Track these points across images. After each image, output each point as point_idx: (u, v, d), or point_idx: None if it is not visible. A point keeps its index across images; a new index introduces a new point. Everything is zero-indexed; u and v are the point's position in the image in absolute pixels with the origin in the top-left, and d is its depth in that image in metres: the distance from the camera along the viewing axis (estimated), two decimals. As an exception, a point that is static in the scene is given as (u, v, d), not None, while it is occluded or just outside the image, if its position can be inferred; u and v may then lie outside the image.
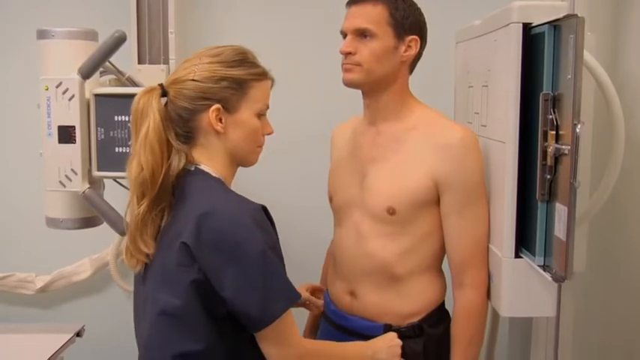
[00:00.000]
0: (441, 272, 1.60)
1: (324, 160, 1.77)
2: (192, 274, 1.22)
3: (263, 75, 1.34)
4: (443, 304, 1.59)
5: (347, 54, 1.49)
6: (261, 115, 1.34)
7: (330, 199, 1.67)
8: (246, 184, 2.47)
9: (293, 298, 1.29)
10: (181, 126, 1.29)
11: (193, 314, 1.24)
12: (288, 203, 2.43)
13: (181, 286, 1.23)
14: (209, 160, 1.31)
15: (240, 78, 1.30)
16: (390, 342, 1.48)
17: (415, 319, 1.54)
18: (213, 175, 1.31)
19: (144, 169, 1.24)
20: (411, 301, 1.55)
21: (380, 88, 1.52)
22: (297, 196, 2.42)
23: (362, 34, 1.48)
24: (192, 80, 1.27)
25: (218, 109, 1.28)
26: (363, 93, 1.56)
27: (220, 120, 1.28)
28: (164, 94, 1.29)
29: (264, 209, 1.30)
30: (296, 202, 2.40)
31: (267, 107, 1.37)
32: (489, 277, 1.54)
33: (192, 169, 1.30)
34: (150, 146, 1.24)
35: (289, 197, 2.42)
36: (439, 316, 1.57)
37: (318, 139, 1.91)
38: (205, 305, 1.23)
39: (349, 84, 1.51)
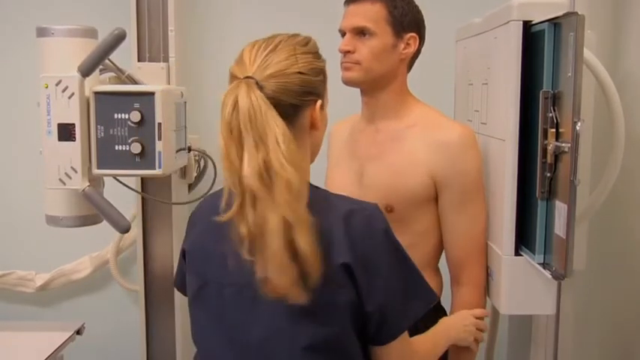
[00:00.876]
0: (437, 270, 1.60)
1: (322, 159, 1.76)
2: (348, 296, 1.09)
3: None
4: (439, 302, 1.59)
5: (346, 52, 1.50)
6: None
7: None
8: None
9: (432, 299, 1.20)
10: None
11: (346, 340, 1.12)
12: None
13: (336, 312, 1.09)
14: None
15: (325, 70, 1.20)
16: (463, 321, 1.48)
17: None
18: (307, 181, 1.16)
19: (301, 170, 1.06)
20: None
21: (379, 86, 1.53)
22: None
23: (361, 32, 1.48)
24: (299, 73, 1.11)
25: (320, 105, 1.16)
26: (361, 91, 1.56)
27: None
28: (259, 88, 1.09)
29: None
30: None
31: None
32: (488, 274, 1.54)
33: None
34: (295, 145, 1.06)
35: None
36: (436, 314, 1.57)
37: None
38: (354, 327, 1.12)
39: (349, 82, 1.52)
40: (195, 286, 1.20)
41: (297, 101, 1.11)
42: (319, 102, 1.15)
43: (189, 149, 1.93)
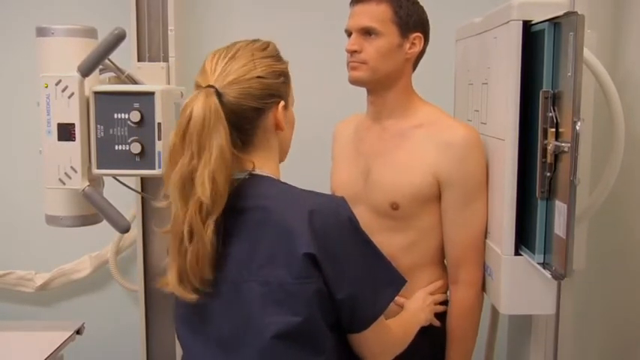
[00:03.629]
0: (443, 267, 1.62)
1: (326, 159, 1.77)
2: (315, 284, 1.12)
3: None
4: (445, 298, 1.60)
5: (352, 52, 1.51)
6: None
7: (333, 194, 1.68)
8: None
9: (400, 284, 1.24)
10: (243, 130, 1.17)
11: (315, 328, 1.15)
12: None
13: (303, 301, 1.12)
14: (265, 163, 1.22)
15: (287, 71, 1.24)
16: (424, 302, 1.52)
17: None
18: (274, 177, 1.23)
19: (219, 188, 1.10)
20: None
21: (385, 86, 1.54)
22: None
23: (367, 32, 1.50)
24: (258, 77, 1.16)
25: (284, 106, 1.21)
26: (368, 90, 1.58)
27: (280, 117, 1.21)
28: (218, 96, 1.13)
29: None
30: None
31: None
32: (488, 273, 1.54)
33: (247, 176, 1.19)
34: (226, 163, 1.11)
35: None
36: (443, 311, 1.58)
37: (321, 138, 1.91)
38: (323, 316, 1.15)
39: (355, 82, 1.53)
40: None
41: (259, 104, 1.16)
42: (282, 103, 1.20)
43: (189, 149, 1.92)
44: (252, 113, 1.16)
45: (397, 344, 1.32)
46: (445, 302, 1.60)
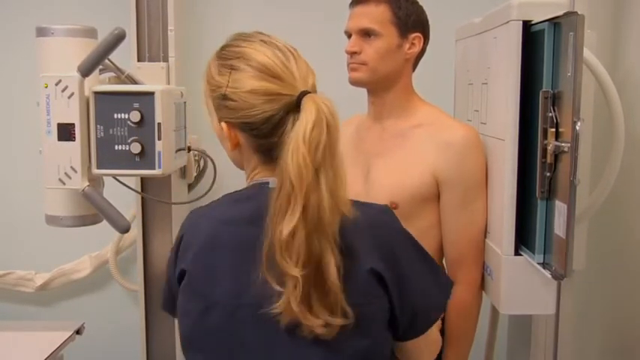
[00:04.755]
0: (443, 266, 1.61)
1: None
2: (383, 302, 1.04)
3: None
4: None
5: (352, 53, 1.52)
6: None
7: None
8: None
9: (451, 286, 1.16)
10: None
11: (384, 349, 1.08)
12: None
13: (372, 320, 1.04)
14: None
15: None
16: None
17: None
18: None
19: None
20: None
21: (385, 86, 1.55)
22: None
23: (366, 33, 1.51)
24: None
25: None
26: (368, 91, 1.59)
27: None
28: None
29: None
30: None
31: None
32: (488, 273, 1.54)
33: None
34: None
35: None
36: None
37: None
38: (390, 331, 1.09)
39: (355, 83, 1.54)
40: (199, 309, 1.08)
41: None
42: None
43: (189, 149, 1.93)
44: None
45: (438, 343, 1.27)
46: None
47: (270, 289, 0.99)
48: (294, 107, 1.03)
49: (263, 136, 1.06)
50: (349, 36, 1.55)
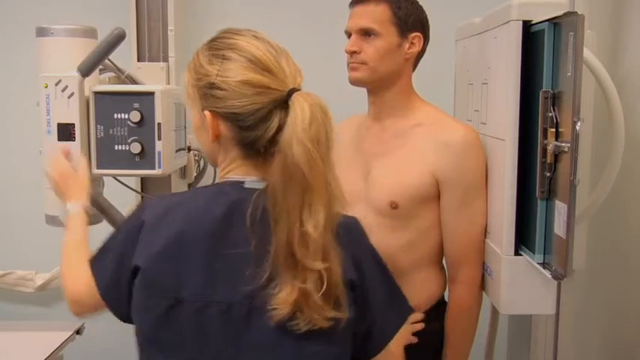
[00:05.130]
0: (442, 267, 1.62)
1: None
2: (350, 312, 1.03)
3: None
4: (443, 298, 1.61)
5: (352, 53, 1.52)
6: None
7: None
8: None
9: (410, 311, 1.19)
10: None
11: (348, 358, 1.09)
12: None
13: (340, 328, 1.02)
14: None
15: None
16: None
17: (416, 314, 1.56)
18: None
19: None
20: (411, 296, 1.55)
21: (385, 86, 1.55)
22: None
23: (366, 33, 1.51)
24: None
25: None
26: (368, 90, 1.59)
27: None
28: None
29: None
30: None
31: None
32: (488, 273, 1.54)
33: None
34: None
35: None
36: (439, 311, 1.59)
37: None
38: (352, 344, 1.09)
39: (355, 82, 1.54)
40: (163, 306, 1.05)
41: None
42: None
43: (189, 149, 1.93)
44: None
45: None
46: (442, 304, 1.60)
47: (258, 287, 0.99)
48: (281, 103, 1.03)
49: (248, 128, 1.05)
50: (349, 35, 1.55)
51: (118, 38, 1.61)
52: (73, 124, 1.63)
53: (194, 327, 1.04)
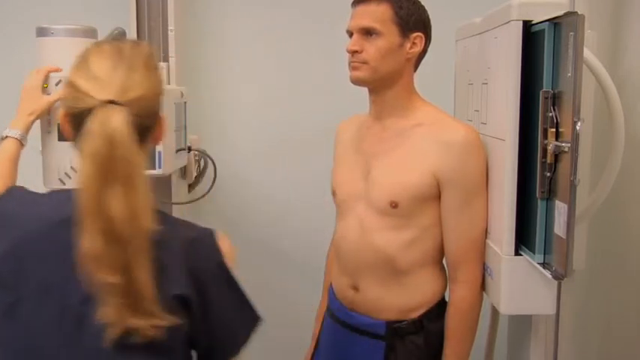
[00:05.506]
0: (442, 267, 1.62)
1: (328, 158, 1.77)
2: (183, 326, 1.04)
3: None
4: (443, 298, 1.61)
5: (354, 52, 1.52)
6: None
7: (334, 193, 1.69)
8: (256, 183, 2.48)
9: (257, 323, 1.17)
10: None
11: None
12: (295, 201, 2.44)
13: (166, 339, 1.02)
14: None
15: None
16: None
17: (416, 314, 1.57)
18: None
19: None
20: (412, 296, 1.57)
21: (386, 85, 1.55)
22: (304, 194, 2.42)
23: (368, 32, 1.51)
24: (159, 95, 1.07)
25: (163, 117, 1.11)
26: (369, 90, 1.59)
27: None
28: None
29: None
30: (306, 200, 2.41)
31: None
32: (488, 273, 1.54)
33: None
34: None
35: (297, 195, 2.43)
36: (439, 311, 1.59)
37: (322, 137, 1.91)
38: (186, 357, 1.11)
39: (356, 82, 1.54)
40: (7, 301, 1.04)
41: (152, 122, 1.06)
42: (163, 116, 1.10)
43: (189, 149, 1.93)
44: (146, 131, 1.05)
45: None
46: (443, 304, 1.60)
47: (85, 296, 0.99)
48: (88, 113, 0.99)
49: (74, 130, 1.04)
50: (351, 35, 1.55)
51: (118, 38, 1.61)
52: (73, 124, 1.63)
53: (33, 326, 1.03)
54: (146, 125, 1.04)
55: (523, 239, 1.45)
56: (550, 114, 1.34)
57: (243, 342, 1.16)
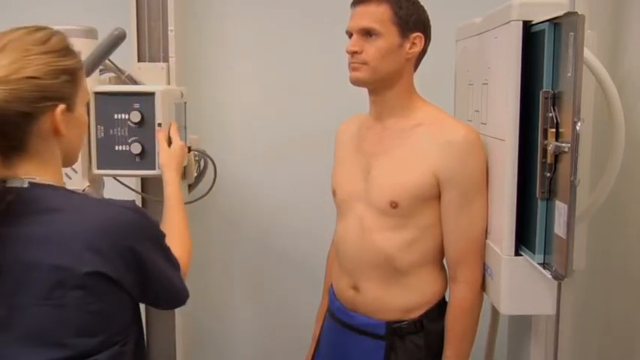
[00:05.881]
0: (442, 267, 1.62)
1: (328, 158, 1.77)
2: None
3: (81, 62, 1.16)
4: (444, 298, 1.61)
5: (353, 53, 1.52)
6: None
7: (334, 193, 1.69)
8: (256, 183, 2.47)
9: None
10: (10, 136, 1.03)
11: None
12: (295, 202, 2.44)
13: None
14: (41, 169, 1.08)
15: (73, 68, 1.10)
16: None
17: (416, 315, 1.57)
18: (57, 186, 1.10)
19: None
20: (412, 296, 1.57)
21: (386, 86, 1.55)
22: (304, 194, 2.42)
23: (367, 33, 1.51)
24: (30, 78, 1.02)
25: (64, 109, 1.07)
26: (369, 90, 1.59)
27: (62, 121, 1.07)
28: None
29: None
30: (307, 200, 2.41)
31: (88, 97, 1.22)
32: (489, 274, 1.54)
33: (27, 185, 1.06)
34: None
35: (297, 195, 2.43)
36: (439, 311, 1.59)
37: (323, 137, 1.91)
38: None
39: (356, 82, 1.54)
40: None
41: (29, 109, 1.02)
42: (61, 106, 1.06)
43: (189, 149, 1.93)
44: (19, 118, 1.02)
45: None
46: (443, 304, 1.60)
47: None
48: None
49: None
50: (350, 35, 1.55)
51: (119, 38, 1.61)
52: (74, 124, 1.63)
53: None
54: (23, 111, 1.02)
55: (523, 239, 1.45)
56: (550, 114, 1.34)
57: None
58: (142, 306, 2.10)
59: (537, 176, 1.37)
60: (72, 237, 1.04)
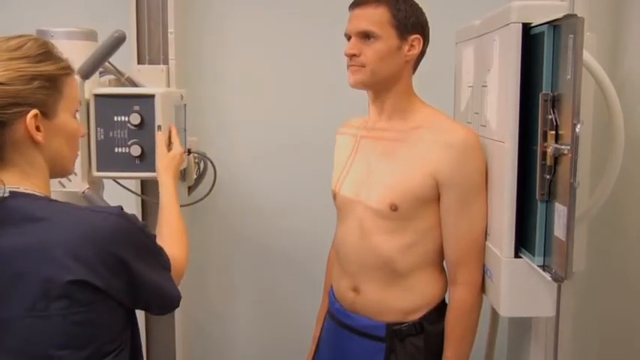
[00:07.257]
0: (442, 269, 1.62)
1: (328, 161, 1.77)
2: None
3: (71, 68, 1.14)
4: (444, 300, 1.61)
5: (352, 56, 1.52)
6: (75, 115, 1.16)
7: (334, 196, 1.69)
8: (256, 185, 2.48)
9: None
10: None
11: None
12: (295, 204, 2.44)
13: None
14: (23, 179, 1.08)
15: (52, 74, 1.08)
16: None
17: (416, 316, 1.57)
18: (40, 195, 1.09)
19: None
20: (412, 298, 1.57)
21: (385, 88, 1.55)
22: (304, 196, 2.42)
23: (366, 35, 1.51)
24: (10, 88, 1.02)
25: (36, 116, 1.05)
26: (368, 93, 1.59)
27: (39, 128, 1.06)
28: None
29: None
30: (306, 202, 2.41)
31: (80, 105, 1.23)
32: (488, 276, 1.55)
33: (6, 194, 1.04)
34: None
35: (297, 197, 2.43)
36: (439, 313, 1.59)
37: (322, 140, 1.91)
38: None
39: (355, 85, 1.54)
40: None
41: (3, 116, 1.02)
42: (33, 112, 1.05)
43: (189, 151, 1.93)
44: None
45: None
46: (443, 306, 1.60)
47: None
48: None
49: None
50: (349, 38, 1.55)
51: (118, 41, 1.61)
52: (73, 126, 1.64)
53: None
54: None
55: (523, 242, 1.45)
56: (550, 116, 1.34)
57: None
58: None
59: (537, 178, 1.37)
60: (55, 246, 1.02)
